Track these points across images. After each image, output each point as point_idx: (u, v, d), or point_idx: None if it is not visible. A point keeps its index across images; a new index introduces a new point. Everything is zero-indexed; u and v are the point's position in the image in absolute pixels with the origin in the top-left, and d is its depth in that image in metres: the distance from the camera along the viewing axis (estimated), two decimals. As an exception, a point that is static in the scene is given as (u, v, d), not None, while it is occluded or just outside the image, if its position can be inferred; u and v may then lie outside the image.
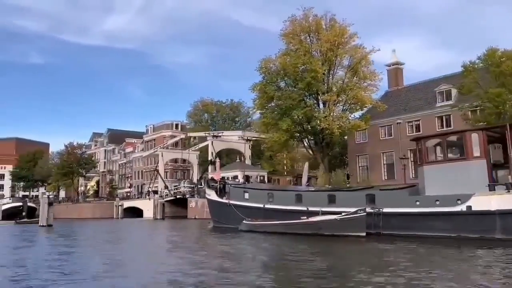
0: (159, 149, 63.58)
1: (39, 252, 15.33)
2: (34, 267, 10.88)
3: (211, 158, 52.39)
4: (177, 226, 32.96)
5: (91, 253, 14.81)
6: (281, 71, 36.31)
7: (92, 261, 12.33)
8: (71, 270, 10.03)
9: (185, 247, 16.38)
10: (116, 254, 14.24)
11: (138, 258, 13.42)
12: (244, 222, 20.62)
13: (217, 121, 75.63)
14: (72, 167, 69.30)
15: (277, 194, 21.90)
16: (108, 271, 9.87)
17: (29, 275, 9.43)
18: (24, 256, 13.95)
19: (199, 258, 12.15)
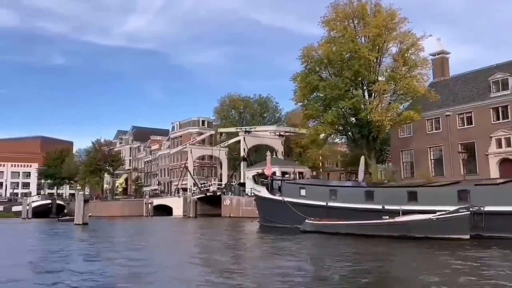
0: (188, 145, 61.84)
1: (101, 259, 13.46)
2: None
3: (243, 154, 50.31)
4: (216, 225, 30.97)
5: (159, 262, 12.81)
6: (324, 60, 33.85)
7: (182, 273, 10.22)
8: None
9: (258, 250, 14.27)
10: (190, 257, 12.25)
11: (220, 263, 11.36)
12: (307, 222, 18.39)
13: (245, 117, 73.68)
14: (99, 165, 68.36)
15: (341, 191, 19.61)
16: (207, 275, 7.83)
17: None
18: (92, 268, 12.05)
19: (287, 263, 10.00)
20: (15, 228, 31.89)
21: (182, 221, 41.59)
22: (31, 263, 11.68)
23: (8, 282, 8.61)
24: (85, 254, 13.71)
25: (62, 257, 13.03)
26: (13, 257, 13.21)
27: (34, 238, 21.50)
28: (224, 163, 62.99)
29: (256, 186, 24.33)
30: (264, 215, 23.76)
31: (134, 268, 10.43)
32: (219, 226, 30.34)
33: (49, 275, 9.65)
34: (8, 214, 62.01)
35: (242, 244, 16.52)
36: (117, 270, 10.21)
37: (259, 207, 24.74)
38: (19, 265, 11.28)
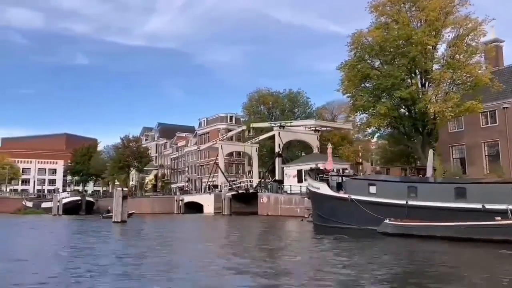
0: (219, 141, 59.99)
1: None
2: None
3: (278, 150, 48.06)
4: (258, 224, 28.85)
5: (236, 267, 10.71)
6: (375, 46, 31.23)
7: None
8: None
9: (344, 257, 11.99)
10: (260, 263, 10.10)
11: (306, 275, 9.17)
12: (387, 223, 16.04)
13: (274, 112, 71.57)
14: (128, 161, 67.24)
15: (423, 188, 17.17)
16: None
17: None
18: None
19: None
20: (53, 226, 30.33)
21: (217, 219, 39.68)
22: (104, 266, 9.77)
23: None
24: (155, 260, 11.72)
25: (135, 262, 11.10)
26: (85, 261, 11.31)
27: (85, 238, 19.73)
28: (255, 159, 61.01)
29: (314, 182, 21.99)
30: (323, 214, 21.42)
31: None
32: (261, 225, 28.25)
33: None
34: (38, 210, 61.47)
35: (308, 248, 14.33)
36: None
37: (316, 205, 22.45)
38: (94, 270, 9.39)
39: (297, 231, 22.01)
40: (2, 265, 10.44)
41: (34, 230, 25.22)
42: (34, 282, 8.08)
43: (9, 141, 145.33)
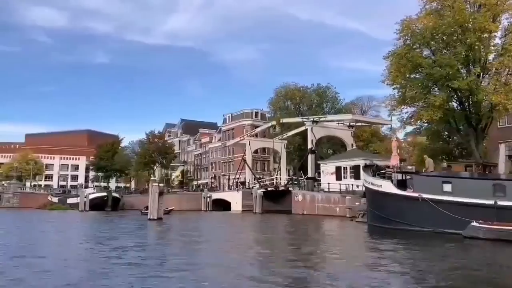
0: (246, 137, 58.28)
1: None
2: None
3: (311, 146, 46.00)
4: (299, 224, 27.01)
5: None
6: (427, 34, 28.89)
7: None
8: None
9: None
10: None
11: None
12: (478, 226, 13.91)
13: (302, 107, 69.57)
14: (153, 156, 66.16)
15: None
16: None
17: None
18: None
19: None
20: (87, 223, 29.06)
21: (251, 217, 37.92)
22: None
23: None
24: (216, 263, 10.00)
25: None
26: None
27: (132, 238, 18.19)
28: (283, 156, 59.09)
29: (374, 179, 19.94)
30: (385, 214, 19.37)
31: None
32: (304, 226, 26.38)
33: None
34: (63, 206, 60.90)
35: (386, 257, 12.30)
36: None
37: (374, 204, 20.40)
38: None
39: (345, 233, 20.05)
40: (78, 274, 8.90)
41: (74, 228, 23.83)
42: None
43: (32, 137, 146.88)
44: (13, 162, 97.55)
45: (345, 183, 35.93)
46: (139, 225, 24.87)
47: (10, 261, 10.75)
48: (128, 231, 21.73)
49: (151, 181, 29.74)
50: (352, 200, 32.68)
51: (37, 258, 11.11)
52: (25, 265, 10.10)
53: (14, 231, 21.76)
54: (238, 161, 76.23)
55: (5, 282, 7.94)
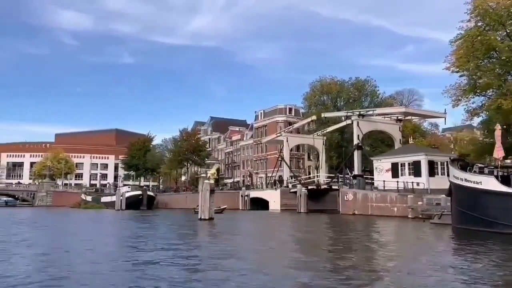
0: (284, 133, 55.91)
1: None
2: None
3: (358, 141, 43.23)
4: (361, 227, 24.43)
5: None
6: (503, 13, 25.90)
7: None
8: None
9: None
10: None
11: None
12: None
13: (339, 102, 66.77)
14: (187, 154, 64.64)
15: None
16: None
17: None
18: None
19: None
20: (133, 223, 27.26)
21: (297, 216, 35.59)
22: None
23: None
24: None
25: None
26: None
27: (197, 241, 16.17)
28: (322, 153, 56.46)
29: (469, 175, 17.22)
30: (484, 216, 16.64)
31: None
32: (367, 226, 23.87)
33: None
34: (97, 205, 60.05)
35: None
36: None
37: (466, 204, 17.70)
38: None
39: (438, 239, 17.40)
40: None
41: (125, 229, 21.98)
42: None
43: (62, 137, 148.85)
44: (46, 161, 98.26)
45: (402, 180, 33.11)
46: (190, 226, 22.91)
47: (90, 267, 8.84)
48: (183, 232, 19.78)
49: (201, 178, 27.68)
50: (414, 199, 29.89)
51: (135, 270, 9.08)
52: (121, 271, 8.25)
53: (67, 232, 20.11)
54: (272, 159, 74.14)
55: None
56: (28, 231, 20.58)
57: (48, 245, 13.98)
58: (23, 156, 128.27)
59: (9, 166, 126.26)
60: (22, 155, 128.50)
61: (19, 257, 11.00)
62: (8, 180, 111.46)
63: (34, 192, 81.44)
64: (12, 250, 12.41)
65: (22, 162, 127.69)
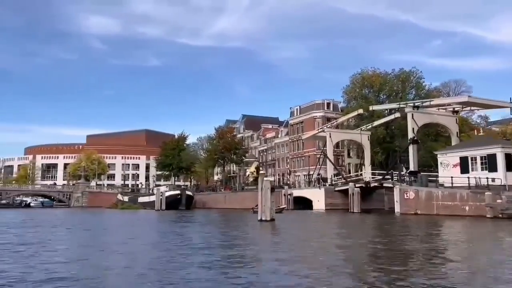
0: (327, 129, 53.04)
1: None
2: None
3: (413, 135, 40.01)
4: (447, 230, 21.50)
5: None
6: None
7: None
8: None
9: None
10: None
11: None
12: None
13: (381, 95, 63.45)
14: (223, 152, 62.69)
15: None
16: None
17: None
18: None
19: None
20: (184, 225, 25.17)
21: (353, 217, 32.86)
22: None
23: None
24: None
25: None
26: None
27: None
28: (367, 149, 53.38)
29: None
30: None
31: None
32: (445, 228, 20.93)
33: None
34: (135, 205, 58.92)
35: None
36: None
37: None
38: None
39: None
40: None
41: (193, 233, 19.75)
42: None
43: (93, 138, 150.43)
44: (79, 162, 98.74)
45: (474, 176, 29.89)
46: (254, 228, 20.60)
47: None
48: (252, 235, 17.49)
49: (261, 175, 25.35)
50: (492, 197, 26.71)
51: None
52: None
53: (135, 235, 18.15)
54: (309, 156, 71.49)
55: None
56: (95, 235, 18.75)
57: (136, 252, 11.95)
58: (57, 158, 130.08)
59: (43, 168, 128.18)
60: (56, 157, 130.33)
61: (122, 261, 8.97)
62: (43, 182, 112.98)
63: (69, 193, 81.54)
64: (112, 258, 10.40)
65: (56, 164, 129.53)
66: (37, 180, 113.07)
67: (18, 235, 17.68)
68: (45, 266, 9.02)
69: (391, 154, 63.30)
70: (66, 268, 8.89)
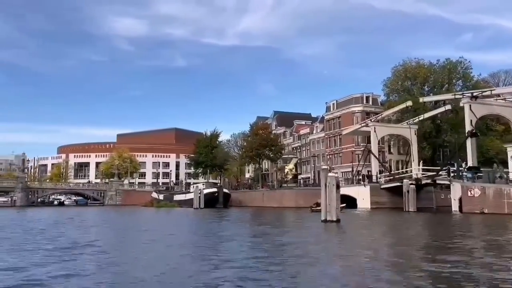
0: (371, 123, 50.20)
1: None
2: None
3: (471, 127, 36.87)
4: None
5: None
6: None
7: None
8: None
9: None
10: None
11: None
12: None
13: (424, 88, 60.05)
14: (260, 149, 60.70)
15: None
16: None
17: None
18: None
19: None
20: (242, 229, 22.56)
21: (410, 216, 30.23)
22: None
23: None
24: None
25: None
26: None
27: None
28: (414, 143, 50.32)
29: None
30: None
31: None
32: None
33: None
34: (171, 203, 57.76)
35: None
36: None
37: None
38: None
39: None
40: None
41: (247, 234, 17.82)
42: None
43: (123, 137, 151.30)
44: (112, 161, 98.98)
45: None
46: (326, 232, 18.39)
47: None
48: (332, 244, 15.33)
49: (323, 170, 23.12)
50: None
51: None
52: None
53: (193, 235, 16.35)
54: (347, 153, 68.59)
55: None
56: (156, 237, 17.06)
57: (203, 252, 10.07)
58: (89, 157, 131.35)
59: (76, 167, 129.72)
60: (88, 156, 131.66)
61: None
62: (75, 180, 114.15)
63: (103, 191, 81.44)
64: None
65: (87, 162, 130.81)
66: (70, 179, 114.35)
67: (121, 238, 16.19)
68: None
69: (438, 149, 59.92)
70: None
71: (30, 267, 8.58)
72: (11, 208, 62.30)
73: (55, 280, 7.29)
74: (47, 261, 9.44)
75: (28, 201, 70.99)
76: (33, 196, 74.90)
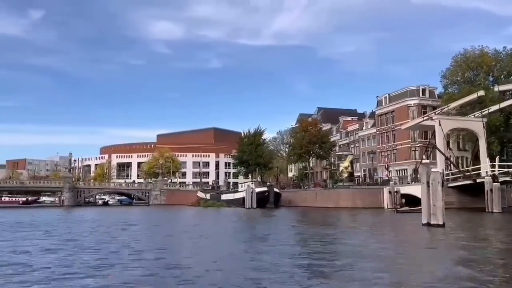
0: (435, 115, 46.09)
1: None
2: None
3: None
4: None
5: None
6: None
7: None
8: None
9: None
10: None
11: None
12: None
13: (488, 78, 55.22)
14: (309, 146, 57.75)
15: None
16: None
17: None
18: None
19: None
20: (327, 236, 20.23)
21: (506, 218, 26.46)
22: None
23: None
24: None
25: None
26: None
27: None
28: (482, 137, 45.82)
29: None
30: None
31: None
32: None
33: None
34: (218, 203, 55.91)
35: None
36: None
37: None
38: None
39: None
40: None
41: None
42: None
43: (163, 137, 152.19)
44: (155, 161, 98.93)
45: None
46: (446, 240, 15.35)
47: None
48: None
49: (422, 165, 20.09)
50: None
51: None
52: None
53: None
54: (402, 149, 64.38)
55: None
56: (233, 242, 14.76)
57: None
58: (130, 157, 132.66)
59: (118, 167, 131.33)
60: (130, 156, 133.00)
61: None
62: (117, 180, 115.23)
63: (148, 191, 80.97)
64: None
65: (129, 162, 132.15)
66: (112, 179, 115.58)
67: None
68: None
69: (506, 144, 54.87)
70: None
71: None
72: (60, 208, 62.55)
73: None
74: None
75: (75, 201, 71.38)
76: (80, 196, 75.38)
